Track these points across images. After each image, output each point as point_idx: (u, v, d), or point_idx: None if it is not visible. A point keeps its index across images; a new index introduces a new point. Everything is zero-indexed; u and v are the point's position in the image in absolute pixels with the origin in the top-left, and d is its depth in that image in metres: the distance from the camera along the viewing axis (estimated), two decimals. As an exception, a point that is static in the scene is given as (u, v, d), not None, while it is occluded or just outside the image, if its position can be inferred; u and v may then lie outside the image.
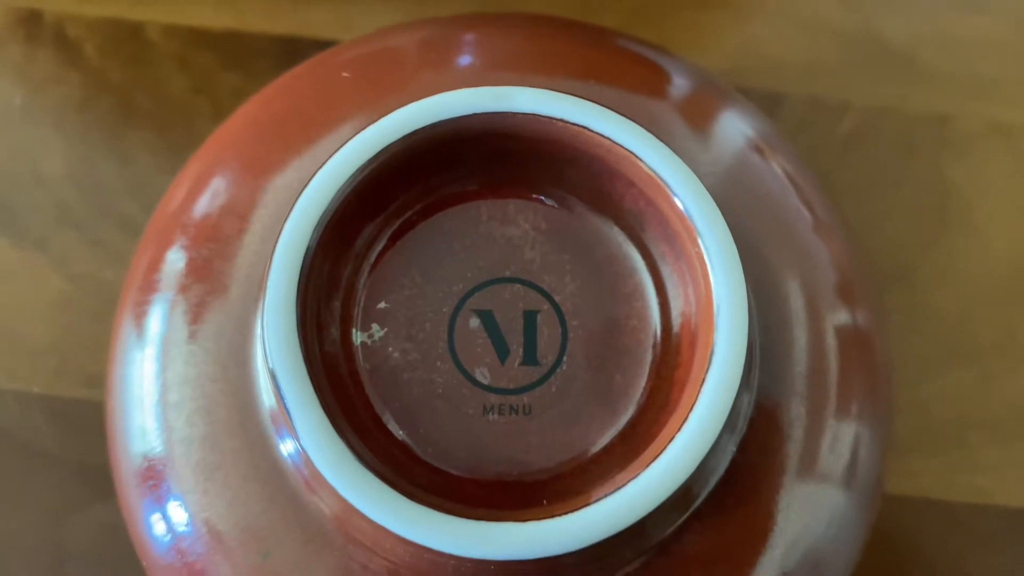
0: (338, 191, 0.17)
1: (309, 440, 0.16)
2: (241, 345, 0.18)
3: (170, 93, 0.27)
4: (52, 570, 0.23)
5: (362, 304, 0.18)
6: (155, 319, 0.20)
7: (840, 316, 0.20)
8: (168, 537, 0.18)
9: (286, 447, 0.17)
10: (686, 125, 0.20)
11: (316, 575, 0.17)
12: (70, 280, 0.26)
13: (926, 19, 0.29)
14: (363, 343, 0.18)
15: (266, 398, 0.18)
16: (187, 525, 0.18)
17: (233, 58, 0.28)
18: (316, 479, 0.16)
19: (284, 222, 0.17)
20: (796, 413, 0.19)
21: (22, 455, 0.24)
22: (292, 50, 0.28)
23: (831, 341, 0.19)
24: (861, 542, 0.20)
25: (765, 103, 0.28)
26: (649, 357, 0.18)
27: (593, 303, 0.18)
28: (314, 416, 0.16)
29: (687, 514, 0.17)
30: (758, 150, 0.21)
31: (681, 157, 0.18)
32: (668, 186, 0.17)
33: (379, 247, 0.18)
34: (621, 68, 0.22)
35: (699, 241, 0.17)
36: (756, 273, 0.19)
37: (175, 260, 0.20)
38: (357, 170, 0.17)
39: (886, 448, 0.20)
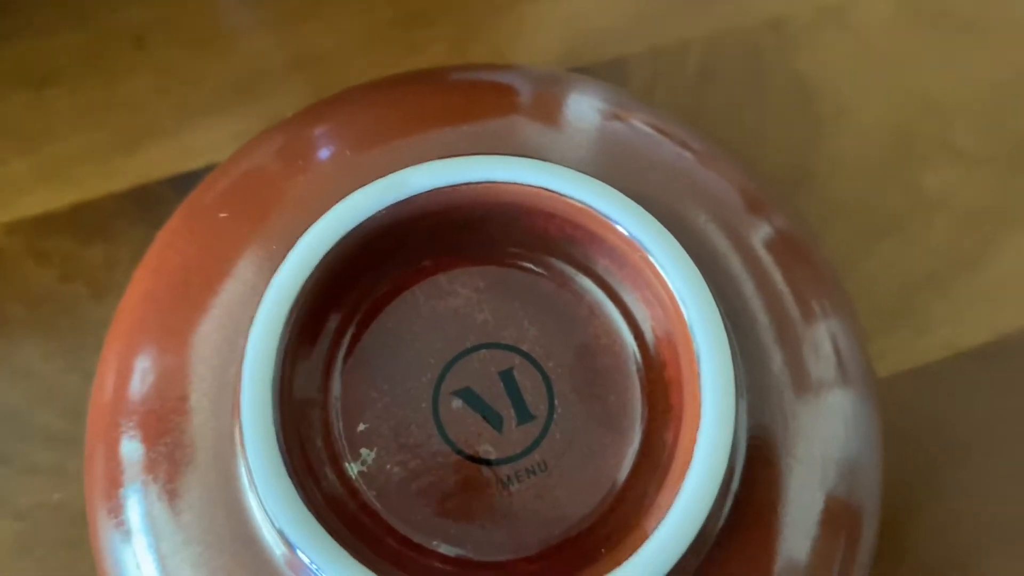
0: (277, 348, 0.16)
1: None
2: (233, 504, 0.18)
3: (39, 292, 0.26)
4: None
5: (343, 435, 0.17)
6: (134, 511, 0.19)
7: (762, 230, 0.20)
8: None
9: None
10: (543, 125, 0.21)
11: None
12: (21, 517, 0.24)
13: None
14: (360, 472, 0.17)
15: (276, 548, 0.17)
16: None
17: (89, 231, 0.26)
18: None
19: (236, 396, 0.16)
20: (767, 336, 0.19)
21: None
22: (144, 199, 0.27)
23: (764, 255, 0.20)
24: (880, 431, 0.20)
25: (612, 71, 0.28)
26: (633, 367, 0.18)
27: (559, 338, 0.18)
28: (342, 565, 0.15)
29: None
30: (616, 117, 0.21)
31: (548, 154, 0.18)
32: (587, 204, 0.17)
33: (337, 374, 0.18)
34: (467, 100, 0.22)
35: (640, 246, 0.17)
36: (670, 223, 0.19)
37: (131, 450, 0.19)
38: (286, 321, 0.16)
39: (860, 331, 0.21)
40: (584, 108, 0.21)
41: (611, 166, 0.20)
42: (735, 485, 0.17)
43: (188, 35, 0.29)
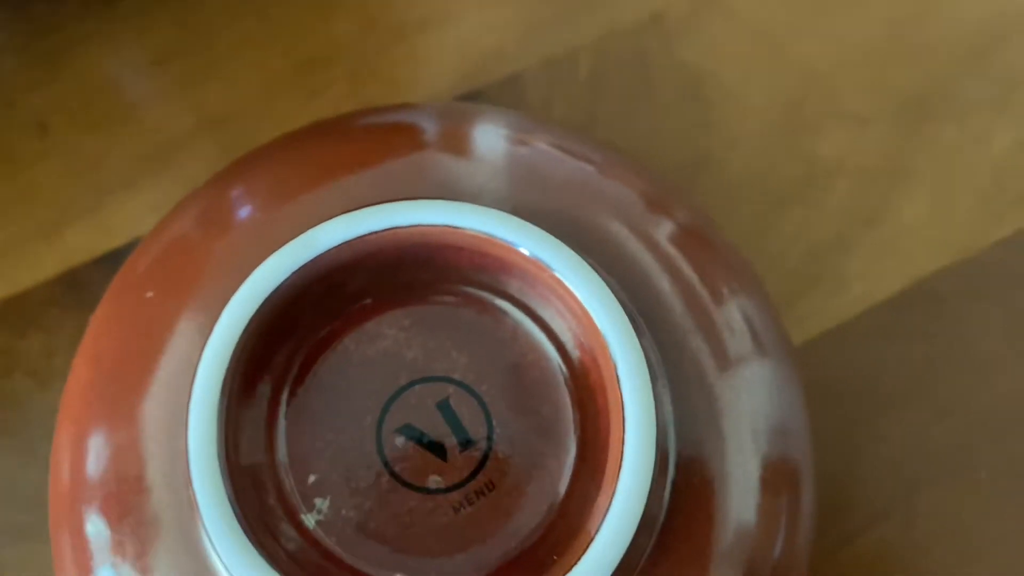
0: (217, 419, 0.17)
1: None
2: (203, 572, 0.18)
3: (-18, 389, 0.26)
4: None
5: (295, 489, 0.18)
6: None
7: (665, 226, 0.21)
8: None
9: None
10: (453, 158, 0.21)
11: None
12: (-3, 616, 0.25)
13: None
14: (318, 522, 0.18)
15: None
16: None
17: (23, 323, 0.26)
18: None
19: (186, 468, 0.17)
20: (683, 324, 0.20)
21: None
22: (73, 283, 0.27)
23: (670, 249, 0.21)
24: (802, 391, 0.21)
25: (508, 88, 0.29)
26: (561, 378, 0.19)
27: (488, 361, 0.19)
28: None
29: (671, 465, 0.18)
30: (520, 142, 0.22)
31: (458, 187, 0.19)
32: (489, 233, 0.18)
33: (280, 432, 0.18)
34: (375, 144, 0.22)
35: (544, 264, 0.18)
36: (577, 236, 0.20)
37: (97, 534, 0.19)
38: (221, 393, 0.17)
39: (770, 303, 0.22)
40: (488, 138, 0.22)
41: (519, 189, 0.21)
42: (671, 471, 0.18)
43: (91, 115, 0.29)
